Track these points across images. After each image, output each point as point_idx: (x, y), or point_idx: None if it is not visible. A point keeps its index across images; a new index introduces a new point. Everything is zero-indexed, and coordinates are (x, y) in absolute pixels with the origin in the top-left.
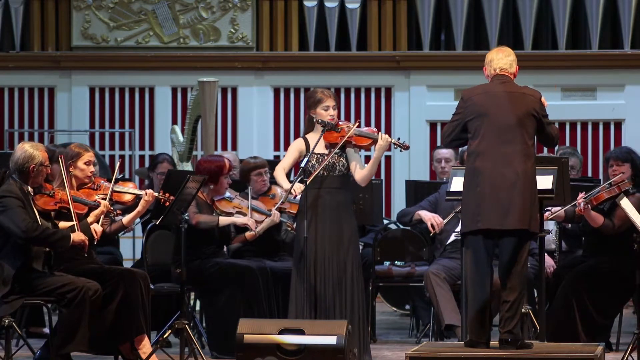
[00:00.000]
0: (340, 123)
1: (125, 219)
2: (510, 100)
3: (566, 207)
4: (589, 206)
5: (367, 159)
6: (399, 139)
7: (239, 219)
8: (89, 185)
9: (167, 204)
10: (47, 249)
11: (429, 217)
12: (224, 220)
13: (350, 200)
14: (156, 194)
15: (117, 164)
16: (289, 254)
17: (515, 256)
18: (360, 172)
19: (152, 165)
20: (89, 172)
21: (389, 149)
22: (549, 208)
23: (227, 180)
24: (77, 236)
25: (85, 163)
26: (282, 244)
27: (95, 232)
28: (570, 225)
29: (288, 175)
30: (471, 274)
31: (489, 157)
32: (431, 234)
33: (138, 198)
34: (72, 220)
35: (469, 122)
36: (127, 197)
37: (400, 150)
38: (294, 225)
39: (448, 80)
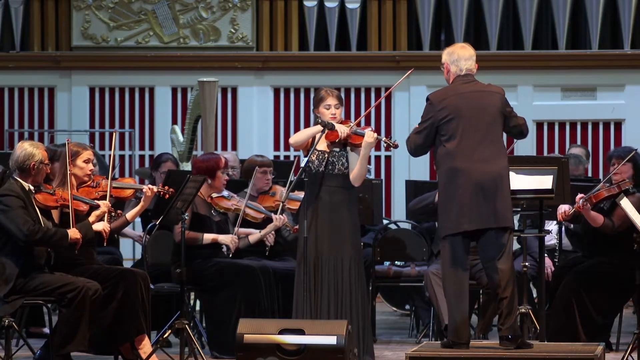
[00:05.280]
0: (344, 122)
1: (129, 214)
2: (481, 100)
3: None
4: (588, 205)
5: (377, 158)
6: (390, 137)
7: (221, 237)
8: (89, 183)
9: (167, 196)
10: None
11: None
12: (207, 237)
13: (353, 199)
14: (155, 188)
15: (110, 158)
16: (290, 254)
17: (502, 253)
18: (352, 171)
19: (156, 165)
20: (88, 170)
21: (389, 148)
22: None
23: (224, 176)
24: (73, 234)
25: (84, 161)
26: (284, 242)
27: (105, 231)
28: (572, 225)
29: (287, 175)
30: (450, 276)
31: (468, 157)
32: None
33: (138, 192)
34: (75, 222)
35: (443, 124)
36: (127, 192)
37: (391, 148)
38: (295, 227)
39: None
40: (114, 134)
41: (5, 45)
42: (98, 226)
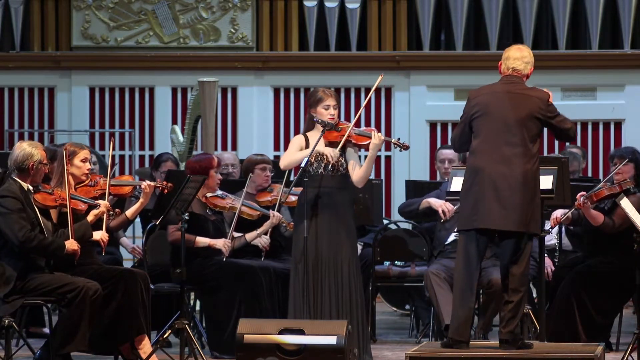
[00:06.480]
0: (341, 122)
1: (129, 211)
2: (513, 101)
3: (572, 210)
4: (589, 202)
5: (377, 158)
6: (398, 139)
7: (214, 241)
8: (87, 182)
9: (166, 191)
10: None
11: (440, 204)
12: (200, 240)
13: (350, 200)
14: (153, 183)
15: (110, 154)
16: (289, 252)
17: (516, 258)
18: (357, 172)
19: (156, 165)
20: (85, 170)
21: (389, 149)
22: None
23: (218, 176)
24: (71, 245)
25: (81, 160)
26: (283, 240)
27: (103, 241)
28: (572, 227)
29: (288, 175)
30: (460, 274)
31: (488, 156)
32: (442, 220)
33: (137, 189)
34: (74, 221)
35: (473, 120)
36: (126, 189)
37: (400, 150)
38: (290, 223)
39: (448, 80)
40: (112, 140)
41: (5, 45)
42: (96, 235)
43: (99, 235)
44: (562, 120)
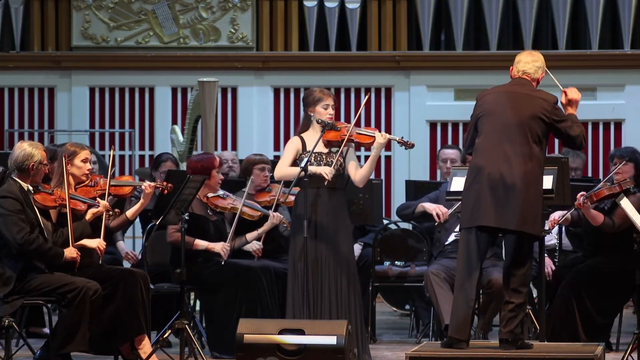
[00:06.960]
0: (339, 122)
1: (129, 212)
2: (516, 101)
3: (572, 211)
4: (589, 202)
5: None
6: (402, 137)
7: (212, 245)
8: (87, 182)
9: (166, 192)
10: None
11: (434, 208)
12: (199, 243)
13: (346, 200)
14: (153, 184)
15: (110, 155)
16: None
17: (517, 258)
18: (359, 172)
19: (156, 165)
20: (86, 170)
21: (389, 148)
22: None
23: (219, 175)
24: (69, 253)
25: (82, 160)
26: (283, 240)
27: (99, 249)
28: (572, 228)
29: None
30: (461, 272)
31: (490, 155)
32: (436, 224)
33: (137, 189)
34: (73, 220)
35: (478, 120)
36: (126, 190)
37: (405, 149)
38: (290, 222)
39: (448, 80)
40: (112, 148)
41: (5, 45)
42: (93, 243)
43: (96, 243)
44: (570, 127)
